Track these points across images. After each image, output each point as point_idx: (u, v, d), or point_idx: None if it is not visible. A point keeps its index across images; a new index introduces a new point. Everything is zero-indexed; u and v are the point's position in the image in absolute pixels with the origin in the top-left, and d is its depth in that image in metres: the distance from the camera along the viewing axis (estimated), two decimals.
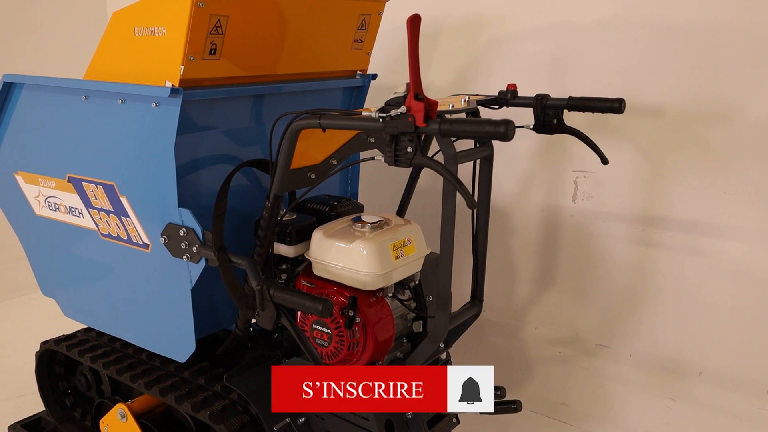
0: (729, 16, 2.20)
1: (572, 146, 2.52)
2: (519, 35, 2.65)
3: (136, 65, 1.77)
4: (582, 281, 2.66)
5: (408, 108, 1.40)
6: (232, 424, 1.85)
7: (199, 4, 1.61)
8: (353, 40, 2.17)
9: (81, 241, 2.08)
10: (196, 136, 1.84)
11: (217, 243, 1.70)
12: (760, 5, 2.14)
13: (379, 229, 1.83)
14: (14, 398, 2.81)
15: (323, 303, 1.48)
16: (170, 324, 1.94)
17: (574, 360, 2.73)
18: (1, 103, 2.04)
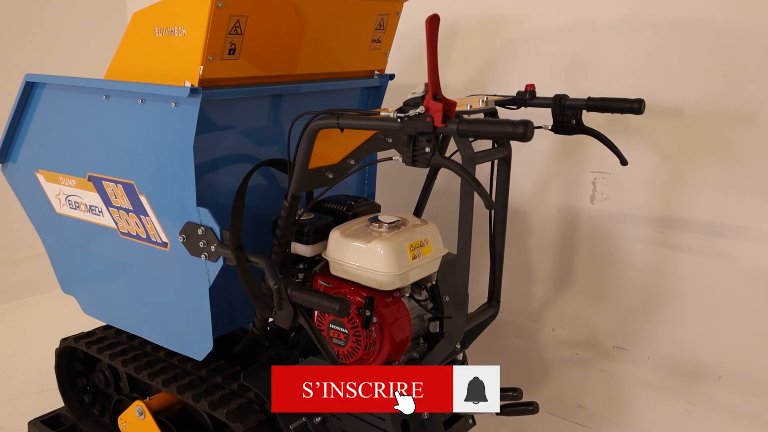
0: (749, 15, 2.17)
1: (590, 147, 2.50)
2: (537, 35, 2.64)
3: (156, 65, 1.78)
4: (600, 283, 2.64)
5: (426, 108, 1.40)
6: (248, 422, 1.86)
7: (218, 4, 1.61)
8: (371, 40, 2.17)
9: (100, 240, 2.10)
10: (214, 136, 1.85)
11: (235, 242, 1.71)
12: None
13: (396, 230, 1.83)
14: (34, 394, 2.85)
15: (340, 303, 1.48)
16: (188, 322, 1.95)
17: (591, 362, 2.71)
18: (23, 102, 2.06)
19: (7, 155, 2.21)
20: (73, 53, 4.01)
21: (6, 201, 3.67)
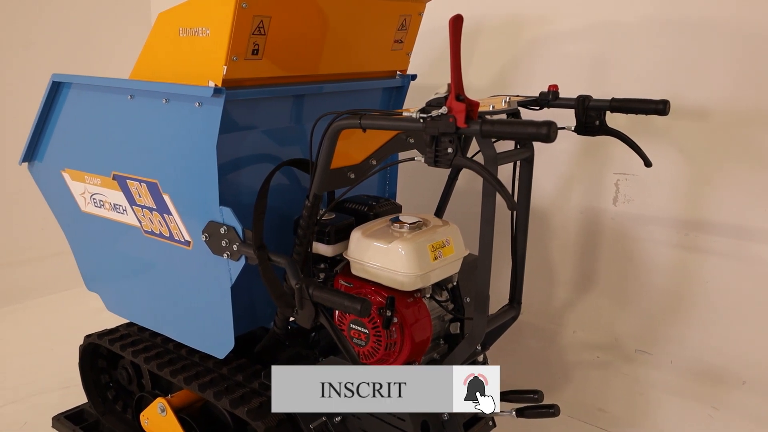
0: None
1: (613, 148, 2.48)
2: (560, 35, 2.62)
3: (181, 65, 1.79)
4: (622, 285, 2.62)
5: (449, 109, 1.39)
6: (269, 421, 1.87)
7: (242, 4, 1.62)
8: (393, 41, 2.17)
9: (124, 238, 2.12)
10: (237, 136, 1.86)
11: (257, 241, 1.72)
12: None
13: (418, 230, 1.82)
14: (58, 390, 2.88)
15: (362, 303, 1.48)
16: (210, 321, 1.96)
17: (612, 365, 2.69)
18: (49, 102, 2.09)
19: (34, 154, 2.24)
20: (98, 53, 4.06)
21: (32, 199, 3.74)
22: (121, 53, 3.48)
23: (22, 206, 3.83)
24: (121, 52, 3.52)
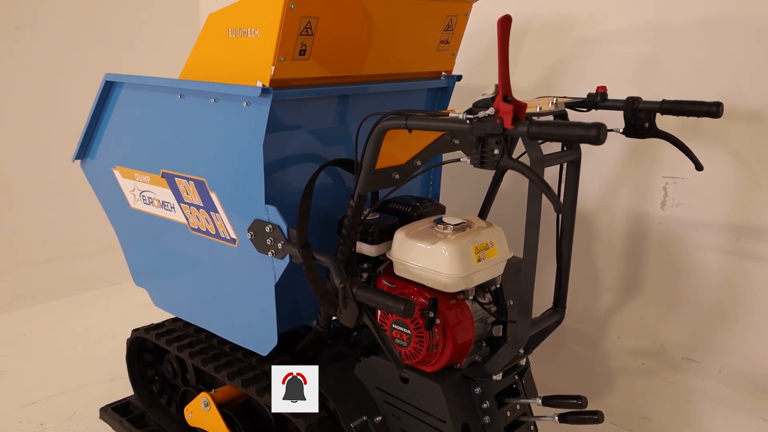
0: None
1: (662, 151, 2.43)
2: (609, 35, 2.58)
3: (229, 65, 1.82)
4: (669, 291, 2.56)
5: (496, 110, 1.38)
6: (310, 418, 1.88)
7: (291, 5, 1.64)
8: (439, 41, 2.16)
9: (172, 235, 2.16)
10: (283, 135, 1.88)
11: (302, 240, 1.73)
12: None
13: (462, 231, 1.82)
14: (105, 382, 2.95)
15: (405, 303, 1.48)
16: (254, 318, 1.99)
17: (658, 373, 2.64)
18: (102, 101, 2.14)
19: (86, 152, 2.30)
20: (148, 53, 4.15)
21: (82, 195, 3.84)
22: (169, 53, 3.55)
23: (74, 202, 3.94)
24: (170, 52, 3.59)
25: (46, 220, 3.95)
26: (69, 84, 3.85)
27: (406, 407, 1.88)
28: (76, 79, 3.85)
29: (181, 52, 2.13)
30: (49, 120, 3.84)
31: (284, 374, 1.84)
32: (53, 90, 3.83)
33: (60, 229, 4.01)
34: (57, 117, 3.84)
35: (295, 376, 1.82)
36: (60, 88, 3.85)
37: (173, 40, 4.18)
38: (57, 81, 3.84)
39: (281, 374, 1.84)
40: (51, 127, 3.84)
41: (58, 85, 3.84)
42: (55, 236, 4.00)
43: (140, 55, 4.13)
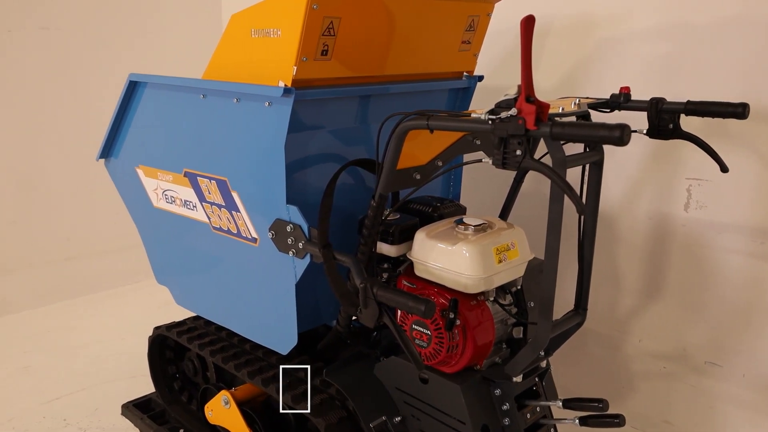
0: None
1: (686, 152, 2.40)
2: (632, 36, 2.55)
3: (252, 65, 1.83)
4: (692, 294, 2.53)
5: (519, 110, 1.38)
6: (329, 418, 1.89)
7: (313, 6, 1.65)
8: (461, 42, 2.16)
9: (194, 233, 2.18)
10: (305, 135, 1.88)
11: (323, 240, 1.73)
12: None
13: (483, 232, 1.81)
14: (127, 378, 2.99)
15: (426, 304, 1.48)
16: (274, 317, 2.00)
17: (680, 376, 2.61)
18: (126, 101, 2.17)
19: (110, 151, 2.33)
20: (171, 54, 4.19)
21: (106, 194, 3.89)
22: (192, 53, 3.58)
23: (98, 201, 3.99)
24: (193, 53, 3.62)
25: (70, 218, 4.00)
26: (93, 84, 3.90)
27: (425, 408, 1.88)
28: (101, 79, 3.90)
29: (203, 53, 2.15)
30: (74, 119, 3.89)
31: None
32: (78, 89, 3.88)
33: (83, 228, 4.06)
34: (81, 116, 3.89)
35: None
36: (84, 87, 3.89)
37: (196, 41, 4.22)
38: (81, 81, 3.89)
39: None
40: (75, 126, 3.89)
41: (82, 85, 3.89)
42: (78, 234, 4.05)
43: (163, 55, 4.17)
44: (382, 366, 1.96)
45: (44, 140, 3.83)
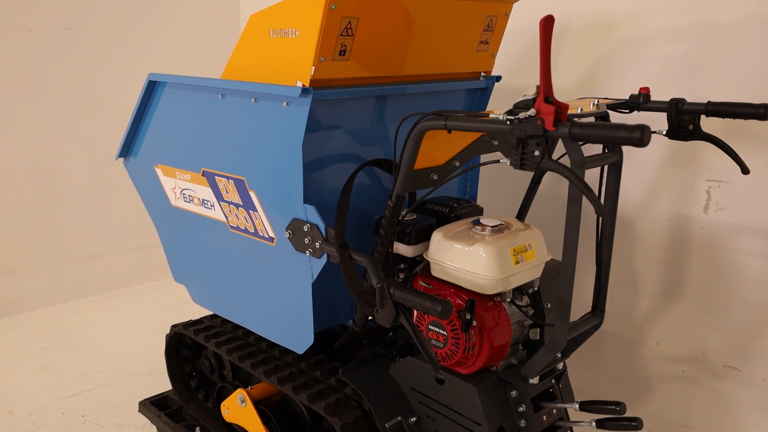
0: None
1: (706, 154, 2.38)
2: (652, 36, 2.53)
3: (270, 65, 1.84)
4: (711, 297, 2.51)
5: (537, 111, 1.37)
6: (345, 417, 1.89)
7: (331, 6, 1.65)
8: (479, 42, 2.15)
9: (211, 232, 2.19)
10: (322, 135, 1.89)
11: (340, 240, 1.74)
12: None
13: (500, 233, 1.80)
14: (144, 376, 3.01)
15: (443, 304, 1.48)
16: (291, 316, 2.00)
17: (698, 380, 2.58)
18: (145, 100, 2.18)
19: (129, 150, 2.35)
20: (189, 54, 4.21)
21: (125, 193, 3.93)
22: (210, 53, 3.61)
23: (117, 200, 4.03)
24: (211, 53, 3.65)
25: (89, 217, 4.04)
26: (113, 83, 3.94)
27: (441, 408, 1.87)
28: (120, 79, 3.93)
29: (221, 53, 2.16)
30: (93, 119, 3.93)
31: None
32: (97, 89, 3.92)
33: (103, 226, 4.10)
34: (101, 116, 3.93)
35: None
36: (104, 87, 3.93)
37: (214, 41, 4.24)
38: (101, 80, 3.93)
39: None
40: (95, 125, 3.93)
41: (102, 85, 3.93)
42: (98, 233, 4.09)
43: (182, 55, 4.19)
44: (397, 366, 1.96)
45: (64, 139, 3.87)
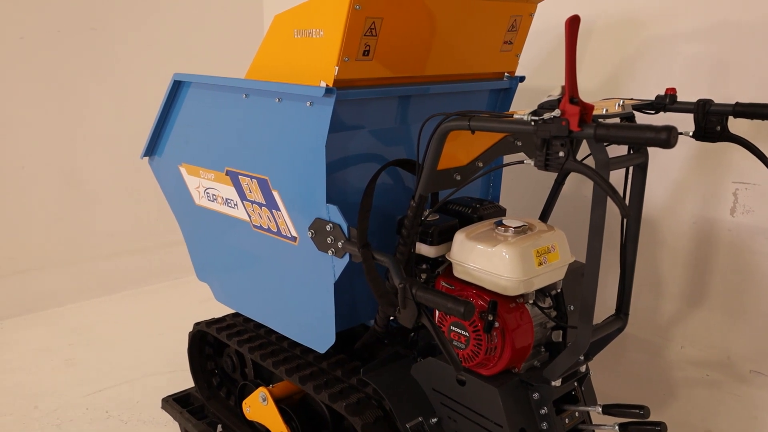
0: None
1: (733, 155, 2.35)
2: (678, 36, 2.50)
3: (294, 65, 1.85)
4: (737, 301, 2.47)
5: (562, 111, 1.36)
6: (366, 417, 1.89)
7: (356, 6, 1.65)
8: (503, 42, 2.14)
9: (234, 231, 2.20)
10: (345, 135, 1.89)
11: (362, 240, 1.74)
12: None
13: (523, 234, 1.79)
14: (167, 373, 3.04)
15: (465, 305, 1.47)
16: (312, 315, 2.01)
17: (723, 385, 2.55)
18: (170, 100, 2.20)
19: (155, 149, 2.37)
20: (213, 54, 4.25)
21: (149, 191, 3.97)
22: (234, 53, 3.63)
23: (141, 198, 4.07)
24: (235, 53, 3.67)
25: (114, 215, 4.09)
26: (139, 83, 3.98)
27: (462, 410, 1.87)
28: (146, 78, 3.97)
29: (245, 53, 2.17)
30: (120, 118, 3.98)
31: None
32: (124, 88, 3.97)
33: (127, 224, 4.15)
34: (127, 115, 3.97)
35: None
36: (131, 86, 3.98)
37: (238, 41, 4.27)
38: (128, 80, 3.97)
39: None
40: (120, 125, 3.98)
41: (129, 84, 3.98)
42: (122, 231, 4.14)
43: (206, 55, 4.23)
44: (419, 366, 1.96)
45: (90, 138, 3.93)
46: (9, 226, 3.74)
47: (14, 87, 3.62)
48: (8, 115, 3.64)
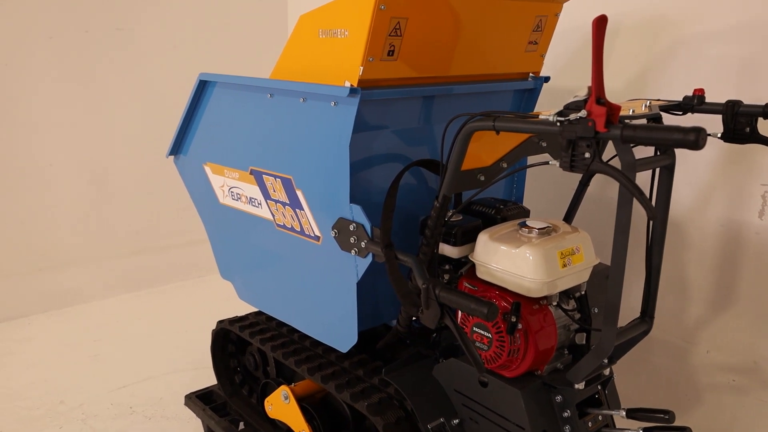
0: None
1: (761, 157, 2.31)
2: (706, 36, 2.47)
3: (318, 65, 1.85)
4: (765, 305, 2.43)
5: (588, 112, 1.35)
6: (387, 417, 1.89)
7: (381, 6, 1.65)
8: (528, 42, 2.13)
9: (258, 230, 2.21)
10: (369, 135, 1.89)
11: (385, 240, 1.74)
12: None
13: (547, 236, 1.78)
14: (190, 370, 3.07)
15: (488, 306, 1.47)
16: (335, 315, 2.01)
17: (750, 390, 2.51)
18: (196, 99, 2.22)
19: (180, 148, 2.39)
20: (238, 54, 4.28)
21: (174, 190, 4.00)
22: (259, 53, 3.65)
23: (166, 197, 4.11)
24: (260, 52, 3.69)
25: (139, 213, 4.13)
26: (164, 82, 4.02)
27: (484, 411, 1.86)
28: (172, 78, 4.01)
29: (270, 53, 2.18)
30: (146, 117, 4.02)
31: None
32: (150, 88, 4.01)
33: (152, 222, 4.20)
34: (153, 114, 4.01)
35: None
36: (156, 86, 4.02)
37: (262, 41, 4.30)
38: (153, 79, 4.02)
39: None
40: (146, 124, 4.02)
41: (154, 84, 4.02)
42: (147, 229, 4.19)
43: (231, 55, 4.26)
44: (441, 367, 1.96)
45: (116, 137, 3.98)
46: (36, 223, 3.80)
47: (43, 86, 3.68)
48: (37, 113, 3.70)
